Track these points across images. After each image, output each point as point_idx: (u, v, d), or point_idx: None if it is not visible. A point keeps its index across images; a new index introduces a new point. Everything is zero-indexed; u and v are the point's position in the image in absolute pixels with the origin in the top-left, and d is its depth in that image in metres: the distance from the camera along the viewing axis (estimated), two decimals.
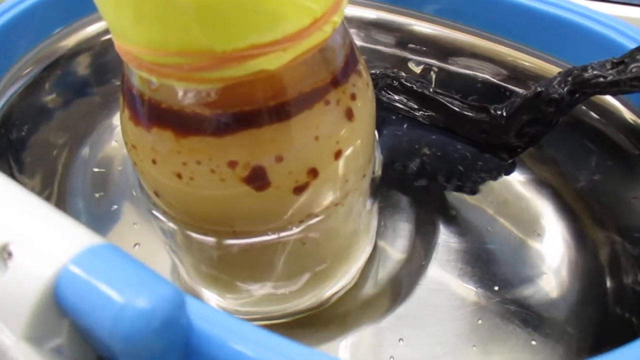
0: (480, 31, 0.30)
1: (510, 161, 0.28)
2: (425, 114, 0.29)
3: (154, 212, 0.19)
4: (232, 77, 0.14)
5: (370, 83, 0.19)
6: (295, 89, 0.16)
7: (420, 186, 0.29)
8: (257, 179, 0.16)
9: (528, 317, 0.23)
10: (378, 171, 0.22)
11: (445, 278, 0.25)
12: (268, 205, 0.17)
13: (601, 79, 0.22)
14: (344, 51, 0.17)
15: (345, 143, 0.17)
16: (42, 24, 0.30)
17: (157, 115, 0.16)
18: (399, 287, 0.24)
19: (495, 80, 0.30)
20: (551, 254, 0.26)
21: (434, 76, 0.32)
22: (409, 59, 0.33)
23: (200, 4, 0.12)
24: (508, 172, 0.28)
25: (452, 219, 0.27)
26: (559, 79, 0.24)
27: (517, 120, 0.26)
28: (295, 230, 0.18)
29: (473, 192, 0.28)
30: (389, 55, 0.33)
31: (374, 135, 0.21)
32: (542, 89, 0.24)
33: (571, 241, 0.26)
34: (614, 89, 0.22)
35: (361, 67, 0.18)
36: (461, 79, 0.31)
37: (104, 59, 0.32)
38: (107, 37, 0.32)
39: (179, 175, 0.16)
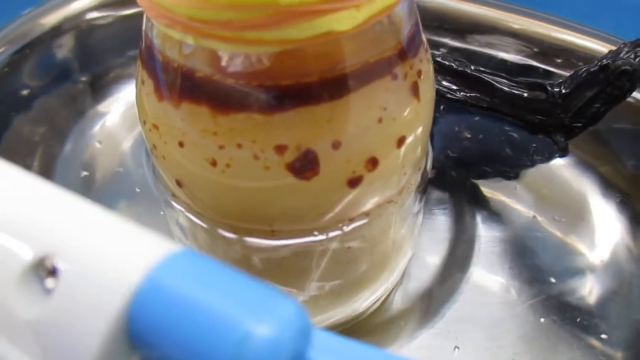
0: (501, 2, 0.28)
1: (565, 142, 0.26)
2: (468, 94, 0.27)
3: (174, 203, 0.17)
4: (294, 39, 0.12)
5: (431, 61, 0.17)
6: (360, 58, 0.13)
7: (458, 173, 0.26)
8: (305, 166, 0.14)
9: (593, 309, 0.21)
10: (430, 165, 0.19)
11: (492, 273, 0.22)
12: (317, 199, 0.15)
13: None
14: (412, 19, 0.15)
15: (408, 128, 0.15)
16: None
17: (190, 87, 0.13)
18: (441, 287, 0.22)
19: (520, 57, 0.28)
20: (605, 239, 0.23)
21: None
22: None
23: None
24: (562, 155, 0.26)
25: (492, 209, 0.25)
26: (626, 49, 0.22)
27: (579, 98, 0.24)
28: (343, 230, 0.16)
29: (515, 177, 0.25)
30: None
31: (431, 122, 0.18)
32: (609, 61, 0.22)
33: (627, 223, 0.24)
34: None
35: (425, 40, 0.16)
36: (480, 59, 0.28)
37: (91, 39, 0.27)
38: (94, 14, 0.27)
39: (213, 162, 0.14)
